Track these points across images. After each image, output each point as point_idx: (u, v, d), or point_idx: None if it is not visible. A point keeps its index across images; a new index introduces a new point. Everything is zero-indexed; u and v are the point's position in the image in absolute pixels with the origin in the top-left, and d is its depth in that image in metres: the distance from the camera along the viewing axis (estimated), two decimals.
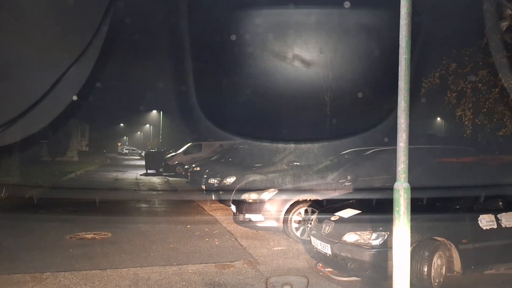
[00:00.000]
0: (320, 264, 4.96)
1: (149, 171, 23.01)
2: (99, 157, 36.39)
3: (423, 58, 9.30)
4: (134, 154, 61.01)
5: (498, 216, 4.27)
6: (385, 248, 3.96)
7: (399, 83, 3.07)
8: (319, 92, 17.08)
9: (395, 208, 3.02)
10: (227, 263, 5.31)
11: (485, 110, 7.85)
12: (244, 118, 20.94)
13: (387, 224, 3.91)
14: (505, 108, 7.59)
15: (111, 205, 10.59)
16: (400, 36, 3.01)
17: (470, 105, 7.81)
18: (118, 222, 8.13)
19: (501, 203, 4.23)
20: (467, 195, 4.44)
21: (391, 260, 3.37)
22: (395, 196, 3.02)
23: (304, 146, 10.79)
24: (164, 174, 21.55)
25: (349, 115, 15.53)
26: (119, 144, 71.10)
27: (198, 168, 14.73)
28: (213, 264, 5.25)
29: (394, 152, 6.36)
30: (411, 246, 3.99)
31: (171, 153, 25.44)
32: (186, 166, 18.31)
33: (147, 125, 64.07)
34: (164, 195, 13.46)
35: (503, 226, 4.27)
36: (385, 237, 4.01)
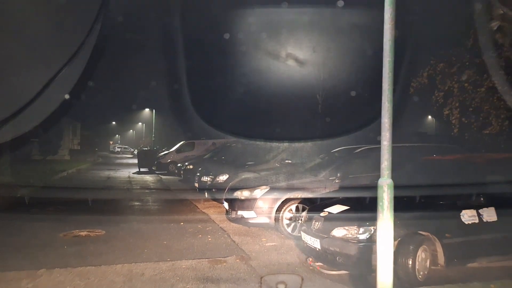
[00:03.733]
0: (311, 259, 5.10)
1: (141, 170, 22.93)
2: (91, 156, 36.14)
3: (413, 57, 9.51)
4: (126, 152, 60.70)
5: (480, 211, 4.45)
6: (372, 242, 4.09)
7: (383, 84, 3.21)
8: (310, 91, 17.26)
9: (379, 203, 3.16)
10: (219, 258, 5.42)
11: (471, 109, 8.09)
12: (236, 116, 21.08)
13: (374, 219, 4.06)
14: (491, 108, 7.84)
15: (104, 203, 10.62)
16: (384, 40, 3.15)
17: (457, 104, 8.04)
18: (111, 220, 8.18)
19: (482, 199, 4.41)
20: (450, 191, 4.61)
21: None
22: (379, 192, 3.16)
23: (296, 144, 10.92)
24: (157, 172, 21.52)
25: (340, 113, 15.71)
26: (110, 142, 70.75)
27: (191, 166, 14.81)
28: (206, 259, 5.36)
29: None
30: (396, 240, 4.17)
31: (163, 151, 25.44)
32: (179, 165, 18.37)
33: (139, 124, 63.75)
34: (157, 193, 13.51)
35: (485, 220, 4.45)
36: (372, 232, 4.15)
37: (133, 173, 21.54)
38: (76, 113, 30.25)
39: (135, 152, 51.10)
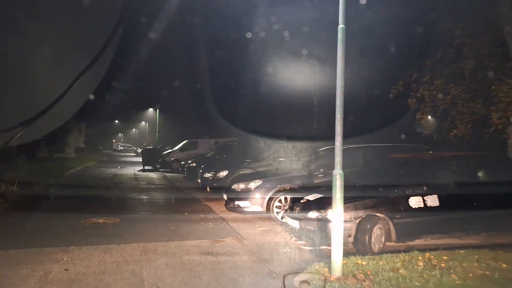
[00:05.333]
0: (294, 238, 6.20)
1: (146, 167, 23.66)
2: (96, 154, 37.12)
3: (393, 67, 10.62)
4: (129, 150, 61.67)
5: (425, 198, 5.52)
6: None
7: (336, 101, 4.24)
8: (308, 94, 18.20)
9: (333, 189, 4.19)
10: (219, 239, 6.51)
11: (439, 114, 9.15)
12: (249, 115, 21.91)
13: None
14: (456, 113, 8.92)
15: (115, 197, 11.65)
16: (337, 69, 4.20)
17: (427, 110, 9.11)
18: (123, 210, 9.29)
19: (425, 188, 5.50)
20: (402, 181, 5.68)
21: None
22: (333, 180, 4.20)
23: (289, 143, 11.87)
24: (161, 170, 22.28)
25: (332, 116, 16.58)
26: (113, 140, 71.79)
27: (194, 164, 15.88)
28: (208, 240, 6.44)
29: (361, 149, 7.72)
30: (357, 220, 5.27)
31: (167, 150, 26.33)
32: (182, 162, 19.27)
33: (143, 122, 64.74)
34: (162, 188, 14.46)
35: (428, 205, 5.53)
36: None
37: (138, 171, 22.37)
38: (83, 112, 31.12)
39: (138, 150, 52.10)
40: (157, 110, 40.37)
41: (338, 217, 4.13)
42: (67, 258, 5.45)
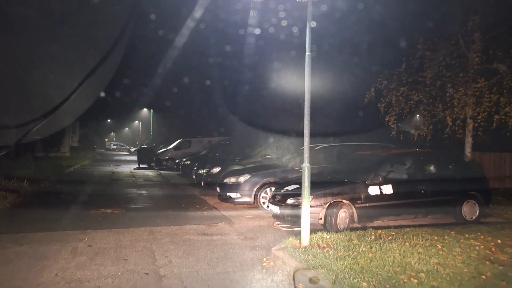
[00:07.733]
0: (276, 222, 7.41)
1: (141, 166, 24.46)
2: (90, 153, 37.85)
3: (368, 75, 11.91)
4: (122, 149, 62.33)
5: (381, 187, 6.77)
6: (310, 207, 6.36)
7: (305, 110, 5.40)
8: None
9: (302, 179, 5.36)
10: (213, 224, 7.68)
11: (403, 117, 10.47)
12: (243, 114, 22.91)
13: (312, 192, 6.34)
14: (419, 115, 10.22)
15: (116, 191, 12.75)
16: (305, 85, 5.38)
17: (394, 113, 10.38)
18: (127, 203, 10.37)
19: (381, 179, 6.74)
20: (363, 173, 6.92)
21: (312, 213, 5.76)
22: (303, 172, 5.38)
23: (277, 142, 13.03)
24: (156, 168, 23.28)
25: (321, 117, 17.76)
26: (106, 140, 72.37)
27: (188, 162, 16.94)
28: (203, 224, 7.62)
29: (335, 147, 8.97)
30: (326, 204, 6.48)
31: (161, 148, 27.22)
32: (177, 161, 20.23)
33: (136, 122, 65.39)
34: (159, 184, 15.45)
35: (384, 193, 6.78)
36: (310, 200, 6.42)
37: (134, 169, 23.25)
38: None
39: (132, 149, 52.85)
40: (151, 109, 41.18)
41: (306, 200, 5.34)
42: (88, 238, 6.56)
